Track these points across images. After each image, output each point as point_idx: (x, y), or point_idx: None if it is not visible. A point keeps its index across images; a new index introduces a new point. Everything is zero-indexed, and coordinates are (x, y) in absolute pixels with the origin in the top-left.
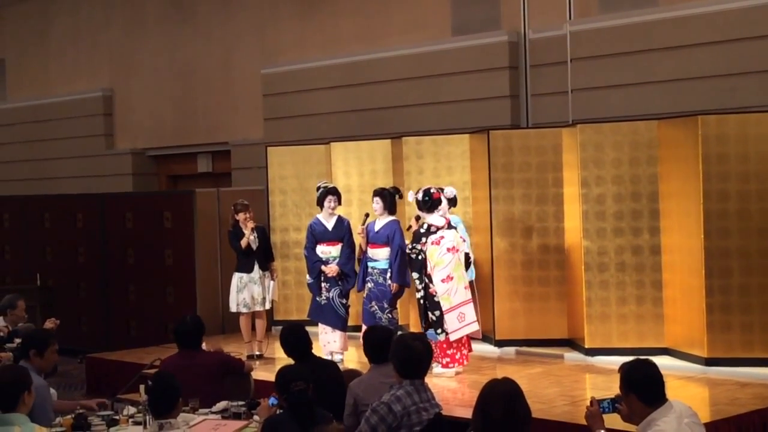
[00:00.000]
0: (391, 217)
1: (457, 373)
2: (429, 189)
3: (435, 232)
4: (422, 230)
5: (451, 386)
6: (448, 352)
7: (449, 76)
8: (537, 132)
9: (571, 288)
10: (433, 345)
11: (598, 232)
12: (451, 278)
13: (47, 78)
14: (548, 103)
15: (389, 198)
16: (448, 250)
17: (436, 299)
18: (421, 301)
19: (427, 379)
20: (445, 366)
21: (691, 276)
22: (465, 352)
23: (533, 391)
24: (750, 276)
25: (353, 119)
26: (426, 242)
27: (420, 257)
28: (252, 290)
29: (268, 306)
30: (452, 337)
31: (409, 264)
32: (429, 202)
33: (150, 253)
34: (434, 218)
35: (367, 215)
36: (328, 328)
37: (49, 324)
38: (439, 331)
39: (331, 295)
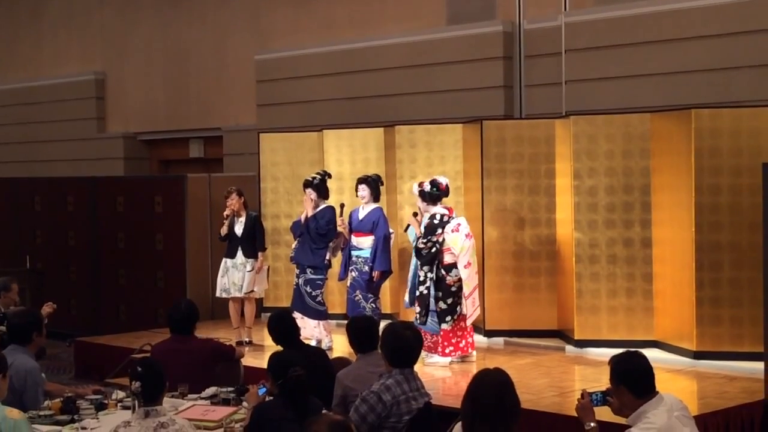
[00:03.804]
0: (375, 205)
1: (464, 360)
2: (435, 180)
3: (449, 221)
4: (435, 221)
5: (440, 375)
6: (453, 341)
7: (443, 65)
8: (530, 123)
9: (562, 279)
10: (428, 335)
11: (589, 224)
12: (470, 264)
13: (39, 60)
14: (542, 94)
15: (374, 185)
16: (466, 236)
17: (453, 288)
18: (425, 292)
19: (421, 367)
20: (447, 354)
21: (681, 269)
22: (470, 339)
23: (522, 382)
24: (740, 270)
25: (346, 107)
26: (442, 233)
27: (433, 250)
28: (233, 276)
29: (242, 293)
30: (469, 321)
31: (419, 257)
32: (437, 192)
33: (140, 238)
34: (438, 209)
35: (342, 206)
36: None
37: (47, 309)
38: (447, 318)
39: (300, 281)
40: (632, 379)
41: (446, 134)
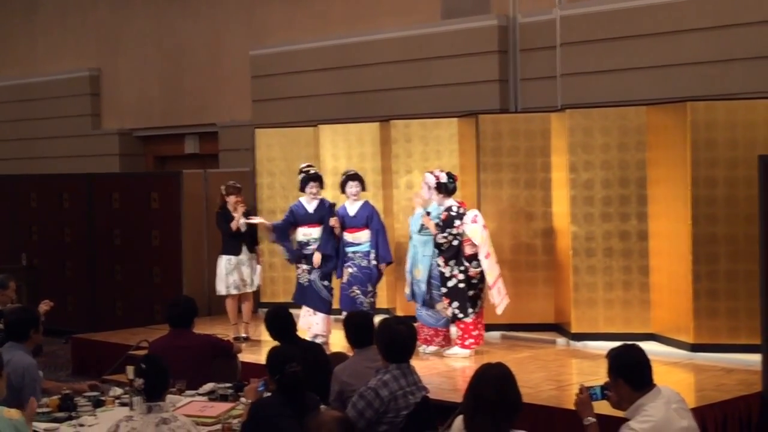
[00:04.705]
0: (363, 200)
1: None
2: (450, 173)
3: (465, 213)
4: (453, 213)
5: (438, 370)
6: (473, 333)
7: (438, 59)
8: (526, 116)
9: (559, 273)
10: (425, 328)
11: (585, 218)
12: (489, 254)
13: (34, 57)
14: (537, 87)
15: (363, 180)
16: (483, 227)
17: (474, 281)
18: (461, 285)
19: (444, 360)
20: (467, 347)
21: (678, 262)
22: (481, 333)
23: (520, 376)
24: (737, 262)
25: (342, 102)
26: (461, 224)
27: (455, 242)
28: (242, 272)
29: (254, 288)
30: (499, 311)
31: (441, 252)
32: (453, 185)
33: (136, 234)
34: (452, 201)
35: (334, 204)
36: (311, 311)
37: (44, 306)
38: (469, 310)
39: (312, 277)
40: (630, 372)
41: (442, 128)
